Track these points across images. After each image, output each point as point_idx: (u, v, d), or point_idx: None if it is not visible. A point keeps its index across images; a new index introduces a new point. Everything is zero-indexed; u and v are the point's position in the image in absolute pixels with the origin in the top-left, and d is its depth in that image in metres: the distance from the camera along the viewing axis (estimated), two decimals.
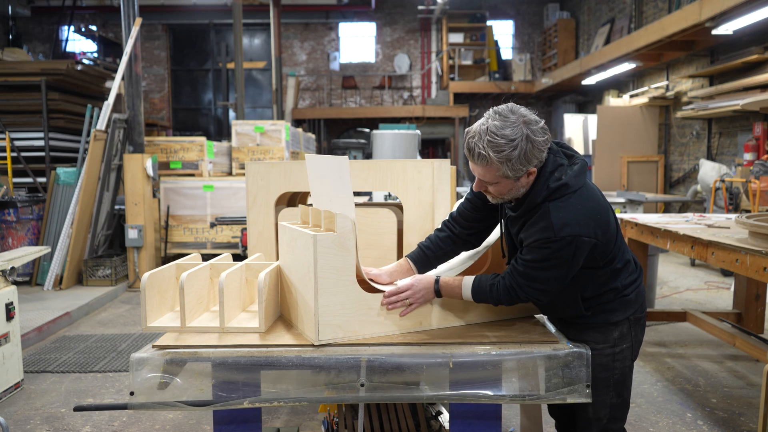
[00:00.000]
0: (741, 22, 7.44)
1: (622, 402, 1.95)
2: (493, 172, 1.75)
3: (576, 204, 1.76)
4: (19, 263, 3.92)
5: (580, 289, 1.90)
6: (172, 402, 1.78)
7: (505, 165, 1.72)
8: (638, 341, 1.97)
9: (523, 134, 1.70)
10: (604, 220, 1.79)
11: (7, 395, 3.83)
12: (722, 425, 3.37)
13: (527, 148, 1.70)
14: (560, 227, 1.71)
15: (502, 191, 1.81)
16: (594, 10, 15.18)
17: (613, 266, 1.89)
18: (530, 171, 1.76)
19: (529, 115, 1.73)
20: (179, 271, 2.09)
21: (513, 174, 1.74)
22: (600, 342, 1.91)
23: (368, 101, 18.14)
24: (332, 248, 1.82)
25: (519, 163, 1.72)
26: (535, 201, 1.79)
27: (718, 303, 6.18)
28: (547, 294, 1.83)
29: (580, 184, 1.79)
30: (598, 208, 1.80)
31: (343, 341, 1.86)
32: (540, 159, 1.76)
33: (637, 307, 1.95)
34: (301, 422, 3.40)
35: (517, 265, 1.82)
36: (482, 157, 1.73)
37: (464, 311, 2.04)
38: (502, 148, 1.69)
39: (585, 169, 1.84)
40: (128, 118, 7.43)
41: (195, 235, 8.14)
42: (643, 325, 1.99)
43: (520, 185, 1.79)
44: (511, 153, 1.69)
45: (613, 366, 1.92)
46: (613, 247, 1.86)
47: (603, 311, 1.93)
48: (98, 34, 15.99)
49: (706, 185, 8.54)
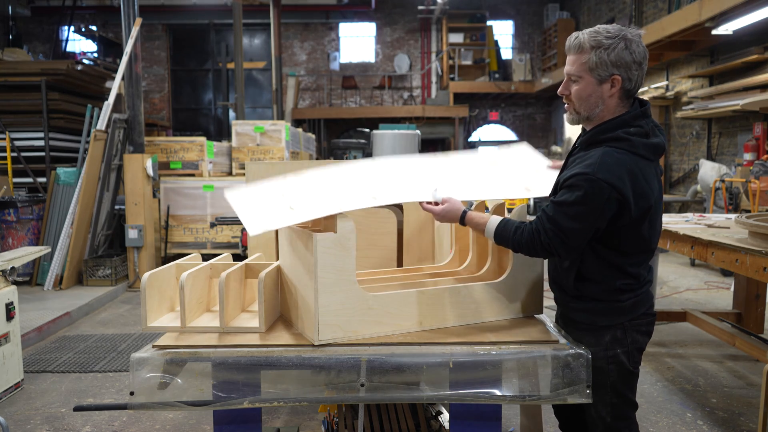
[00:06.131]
0: (741, 22, 7.44)
1: (624, 401, 1.94)
2: (581, 61, 1.81)
3: (628, 161, 1.77)
4: (19, 263, 3.92)
5: (581, 258, 1.89)
6: (172, 402, 1.78)
7: (595, 53, 1.78)
8: (638, 348, 1.93)
9: (622, 36, 1.79)
10: (645, 194, 1.79)
11: (8, 395, 3.83)
12: (722, 425, 3.37)
13: (620, 48, 1.77)
14: (603, 170, 1.74)
15: (583, 94, 1.84)
16: (594, 10, 15.18)
17: (625, 259, 1.86)
18: (615, 77, 1.80)
19: (630, 33, 1.81)
20: (179, 271, 2.09)
21: (598, 69, 1.79)
22: (592, 345, 1.90)
23: (368, 101, 18.15)
24: (332, 248, 1.82)
25: (608, 57, 1.77)
26: (599, 136, 1.84)
27: (718, 303, 6.18)
28: (566, 245, 1.81)
29: (643, 153, 1.81)
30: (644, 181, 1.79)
31: (343, 341, 1.86)
32: (629, 71, 1.80)
33: (634, 316, 1.91)
34: (301, 422, 3.40)
35: (547, 210, 1.83)
36: (576, 42, 1.83)
37: (465, 311, 2.04)
38: (599, 35, 1.79)
39: (656, 148, 1.84)
40: (128, 118, 7.43)
41: (195, 235, 8.14)
42: (644, 333, 1.95)
43: (601, 94, 1.83)
44: (604, 41, 1.78)
45: (608, 369, 1.90)
46: (638, 238, 1.85)
47: (586, 310, 1.92)
48: (98, 34, 16.00)
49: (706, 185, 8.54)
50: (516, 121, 18.41)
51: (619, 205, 1.76)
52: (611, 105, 1.85)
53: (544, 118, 18.35)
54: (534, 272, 2.12)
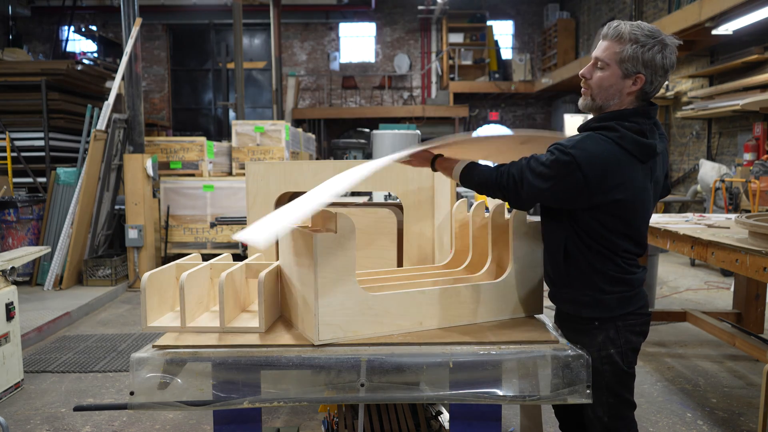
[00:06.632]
0: (741, 22, 7.44)
1: (620, 401, 1.94)
2: (614, 50, 1.82)
3: (608, 150, 1.78)
4: (19, 263, 3.92)
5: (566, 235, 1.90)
6: (172, 402, 1.78)
7: (630, 47, 1.79)
8: (632, 348, 1.93)
9: (661, 39, 1.81)
10: (617, 185, 1.78)
11: (7, 395, 3.83)
12: (722, 425, 3.37)
13: (655, 50, 1.79)
14: (578, 148, 1.77)
15: (605, 83, 1.85)
16: (594, 10, 15.18)
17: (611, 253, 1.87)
18: (639, 76, 1.81)
19: (669, 40, 1.84)
20: (179, 271, 2.09)
21: (628, 63, 1.80)
22: (586, 345, 1.90)
23: (368, 101, 18.14)
24: (332, 248, 1.82)
25: (642, 55, 1.79)
26: (594, 123, 1.87)
27: (718, 303, 6.18)
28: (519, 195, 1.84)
29: (629, 149, 1.80)
30: (620, 173, 1.79)
31: (343, 341, 1.86)
32: (654, 75, 1.82)
33: (623, 313, 1.90)
34: (301, 422, 3.40)
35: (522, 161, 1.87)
36: (616, 31, 1.83)
37: (465, 311, 2.04)
38: (640, 31, 1.80)
39: (645, 148, 1.82)
40: (128, 118, 7.43)
41: (195, 235, 8.14)
42: (639, 333, 1.94)
43: (621, 88, 1.84)
44: (642, 38, 1.79)
45: (603, 369, 1.90)
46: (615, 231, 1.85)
47: (572, 300, 1.95)
48: (98, 34, 16.01)
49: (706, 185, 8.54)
50: (516, 121, 18.41)
51: (579, 185, 1.76)
52: (626, 101, 1.86)
53: (544, 118, 18.36)
54: (534, 272, 2.12)
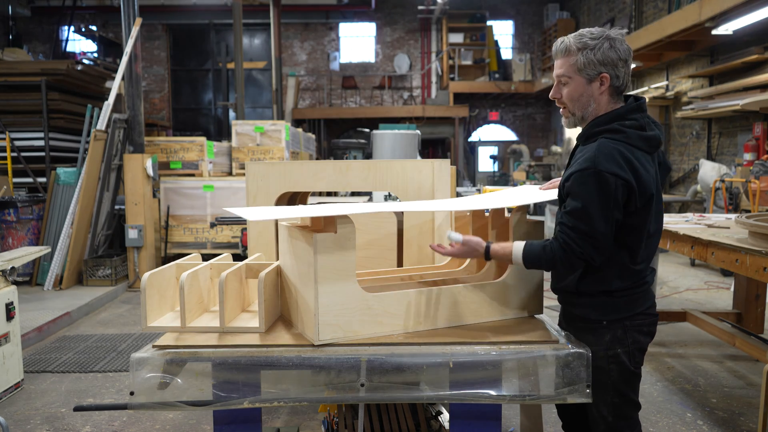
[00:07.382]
0: (741, 22, 7.44)
1: (625, 401, 1.94)
2: (569, 63, 1.88)
3: (624, 150, 1.80)
4: (19, 263, 3.93)
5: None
6: (172, 402, 1.78)
7: (582, 54, 1.85)
8: (639, 348, 1.93)
9: (605, 36, 1.86)
10: (645, 180, 1.80)
11: (8, 395, 3.83)
12: (722, 425, 3.37)
13: (605, 47, 1.85)
14: (603, 161, 1.77)
15: (574, 95, 1.90)
16: (594, 10, 15.18)
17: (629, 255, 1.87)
18: (603, 75, 1.86)
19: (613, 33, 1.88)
20: (179, 271, 2.09)
21: (587, 69, 1.86)
22: (593, 344, 1.90)
23: (368, 101, 18.14)
24: (332, 248, 1.82)
25: (595, 57, 1.84)
26: (595, 128, 1.88)
27: (718, 303, 6.18)
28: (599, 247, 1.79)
29: (638, 145, 1.83)
30: (643, 168, 1.81)
31: (343, 341, 1.86)
32: (616, 69, 1.85)
33: (631, 314, 1.91)
34: (301, 422, 3.40)
35: (565, 220, 1.83)
36: (563, 46, 1.90)
37: (465, 311, 2.04)
38: (584, 38, 1.87)
39: (652, 140, 1.86)
40: (128, 118, 7.43)
41: (195, 235, 8.14)
42: (646, 333, 1.95)
43: (592, 92, 1.89)
44: (589, 42, 1.85)
45: (609, 368, 1.91)
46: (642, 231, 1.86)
47: (582, 305, 1.94)
48: (98, 34, 16.01)
49: (706, 185, 8.54)
50: (516, 121, 18.42)
51: (628, 190, 1.78)
52: (603, 102, 1.90)
53: (544, 118, 18.36)
54: (534, 272, 2.11)
